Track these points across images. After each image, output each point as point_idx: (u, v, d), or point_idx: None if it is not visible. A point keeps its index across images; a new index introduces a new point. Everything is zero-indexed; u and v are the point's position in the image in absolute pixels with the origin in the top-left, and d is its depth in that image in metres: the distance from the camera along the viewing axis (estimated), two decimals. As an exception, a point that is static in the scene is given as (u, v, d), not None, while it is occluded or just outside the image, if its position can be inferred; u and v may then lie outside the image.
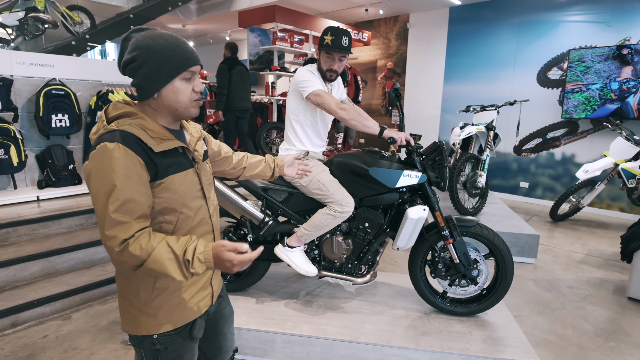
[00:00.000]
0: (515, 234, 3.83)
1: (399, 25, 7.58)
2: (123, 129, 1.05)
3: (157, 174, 1.08)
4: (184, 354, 1.25)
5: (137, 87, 1.09)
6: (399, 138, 2.08)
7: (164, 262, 1.01)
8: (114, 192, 1.00)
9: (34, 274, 2.93)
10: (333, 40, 2.16)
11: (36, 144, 3.98)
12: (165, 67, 1.07)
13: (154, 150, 1.07)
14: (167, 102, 1.11)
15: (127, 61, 1.07)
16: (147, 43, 1.07)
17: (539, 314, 2.91)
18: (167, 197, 1.11)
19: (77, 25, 5.33)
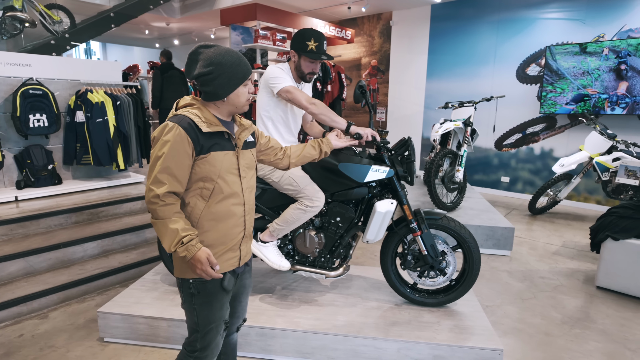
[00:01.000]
0: (492, 227, 3.92)
1: (382, 22, 7.64)
2: (183, 113, 1.40)
3: (202, 150, 1.39)
4: (213, 300, 1.49)
5: (209, 92, 1.41)
6: (364, 134, 2.14)
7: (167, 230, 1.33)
8: (162, 158, 1.33)
9: (11, 273, 2.93)
10: (318, 47, 2.21)
11: (14, 144, 3.96)
12: (234, 79, 1.41)
13: (202, 130, 1.38)
14: (231, 102, 1.45)
15: (202, 74, 1.38)
16: (219, 60, 1.38)
17: (511, 303, 2.99)
18: (207, 169, 1.41)
19: (57, 24, 5.29)
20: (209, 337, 1.52)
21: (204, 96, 1.44)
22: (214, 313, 1.50)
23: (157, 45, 11.96)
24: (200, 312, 1.49)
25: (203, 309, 1.49)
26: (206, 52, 1.40)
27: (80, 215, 3.63)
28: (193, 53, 1.42)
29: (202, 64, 1.39)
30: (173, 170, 1.34)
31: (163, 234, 1.34)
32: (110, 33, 10.45)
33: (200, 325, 1.50)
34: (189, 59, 1.43)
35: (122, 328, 2.40)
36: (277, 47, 5.95)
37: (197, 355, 1.52)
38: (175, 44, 11.35)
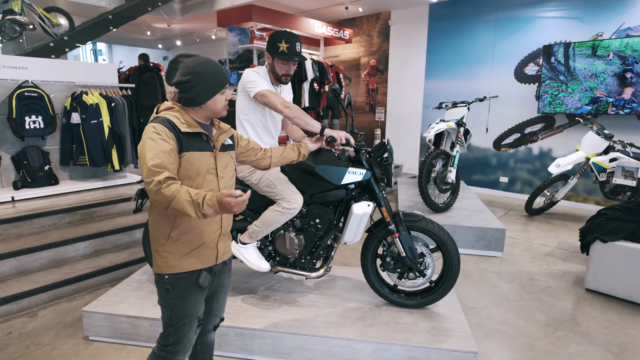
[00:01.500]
0: (483, 228, 3.90)
1: (380, 22, 7.63)
2: (164, 116, 1.49)
3: (182, 148, 1.47)
4: (188, 296, 1.54)
5: (188, 99, 1.50)
6: (338, 137, 2.15)
7: (183, 203, 1.32)
8: (152, 152, 1.38)
9: (2, 273, 3.00)
10: (289, 49, 2.23)
11: (11, 146, 4.04)
12: (211, 87, 1.49)
13: (180, 130, 1.46)
14: (208, 108, 1.54)
15: (181, 81, 1.47)
16: (197, 69, 1.46)
17: (496, 305, 2.99)
18: (186, 167, 1.48)
19: (56, 27, 5.38)
20: (181, 332, 1.56)
21: (183, 102, 1.53)
22: (188, 309, 1.55)
23: (160, 46, 12.07)
24: (174, 307, 1.53)
25: (177, 304, 1.53)
26: (186, 61, 1.48)
27: (73, 216, 3.69)
28: (173, 61, 1.50)
29: (181, 72, 1.47)
30: (164, 158, 1.39)
31: (183, 208, 1.32)
32: (115, 34, 10.57)
33: (173, 320, 1.54)
34: (169, 67, 1.51)
35: (106, 327, 2.44)
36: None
37: (169, 349, 1.56)
38: (178, 44, 11.44)
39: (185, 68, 1.47)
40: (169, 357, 1.57)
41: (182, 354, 1.58)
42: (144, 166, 1.38)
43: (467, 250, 4.00)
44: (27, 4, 4.99)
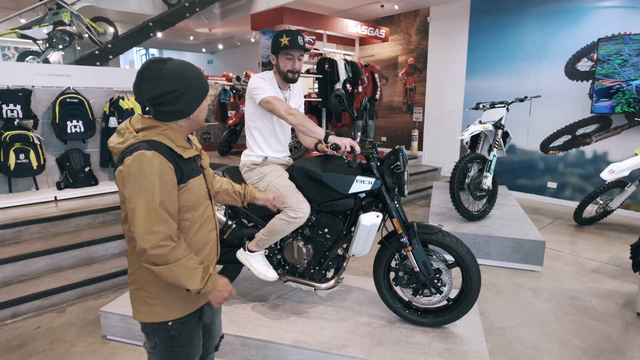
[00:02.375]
0: (519, 239, 3.60)
1: (419, 19, 7.35)
2: (155, 139, 1.23)
3: (182, 178, 1.27)
4: (194, 339, 1.41)
5: (174, 111, 1.27)
6: (342, 144, 2.04)
7: (187, 270, 1.22)
8: (155, 192, 1.17)
9: (38, 269, 3.20)
10: (290, 41, 2.17)
11: (56, 149, 4.32)
12: (200, 93, 1.30)
13: (183, 157, 1.27)
14: (194, 119, 1.33)
15: (166, 92, 1.22)
16: (183, 75, 1.24)
17: (527, 326, 2.73)
18: (189, 197, 1.30)
19: (101, 36, 5.70)
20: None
21: (164, 116, 1.29)
22: (194, 350, 1.43)
23: (204, 50, 12.50)
24: (181, 353, 1.38)
25: (184, 350, 1.39)
26: (162, 68, 1.23)
27: (107, 216, 3.87)
28: (146, 70, 1.22)
29: (162, 81, 1.22)
30: (168, 207, 1.19)
31: (184, 276, 1.21)
32: (163, 40, 11.09)
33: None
34: (140, 78, 1.23)
35: (121, 327, 2.51)
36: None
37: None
38: (220, 48, 11.78)
39: (167, 76, 1.22)
40: None
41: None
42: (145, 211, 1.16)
43: (501, 263, 3.71)
44: (76, 14, 5.32)
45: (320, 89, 6.28)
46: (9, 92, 3.84)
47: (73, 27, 5.32)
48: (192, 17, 7.65)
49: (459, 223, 4.02)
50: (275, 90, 2.27)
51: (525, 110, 5.96)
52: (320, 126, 6.65)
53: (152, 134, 1.25)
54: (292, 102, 2.39)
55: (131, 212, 1.18)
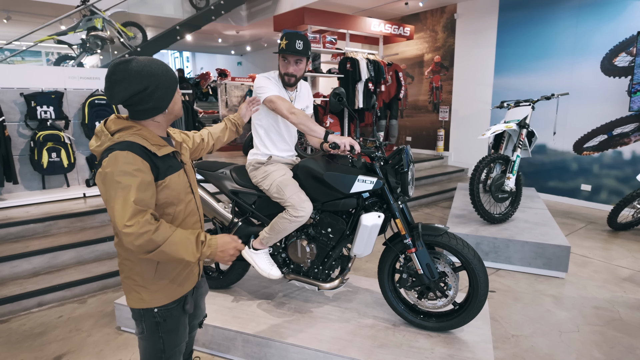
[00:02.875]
0: (542, 244, 3.43)
1: (446, 16, 7.17)
2: (129, 139, 1.26)
3: (159, 175, 1.31)
4: (179, 326, 1.49)
5: (149, 109, 1.30)
6: (342, 143, 2.02)
7: (180, 245, 1.25)
8: (131, 189, 1.20)
9: (64, 261, 3.38)
10: (287, 45, 2.17)
11: (86, 148, 4.55)
12: (170, 86, 1.33)
13: (157, 154, 1.30)
14: (171, 112, 1.38)
15: (137, 91, 1.24)
16: (150, 71, 1.26)
17: (543, 335, 2.59)
18: (168, 194, 1.34)
19: (131, 40, 5.95)
20: (172, 356, 1.50)
21: (140, 115, 1.32)
22: (180, 336, 1.50)
23: (233, 52, 12.77)
24: (167, 339, 1.46)
25: (170, 335, 1.46)
26: (128, 68, 1.24)
27: (130, 212, 4.02)
28: (113, 73, 1.24)
29: (131, 81, 1.23)
30: (145, 200, 1.23)
31: (177, 252, 1.25)
32: (194, 42, 11.43)
33: (166, 352, 1.47)
34: (109, 82, 1.25)
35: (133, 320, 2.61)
36: (326, 50, 5.93)
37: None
38: (248, 50, 11.99)
39: (135, 76, 1.23)
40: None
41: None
42: (121, 207, 1.18)
43: (522, 268, 3.55)
44: (107, 20, 5.58)
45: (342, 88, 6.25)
46: (43, 95, 4.08)
47: (105, 32, 5.58)
48: (219, 20, 7.85)
49: (478, 226, 3.89)
50: (280, 90, 2.28)
51: (562, 109, 5.67)
52: (342, 126, 6.63)
53: (126, 135, 1.28)
54: (298, 102, 2.40)
55: (110, 211, 1.22)
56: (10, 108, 4.03)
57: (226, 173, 2.49)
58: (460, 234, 3.69)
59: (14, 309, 2.90)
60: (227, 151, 7.93)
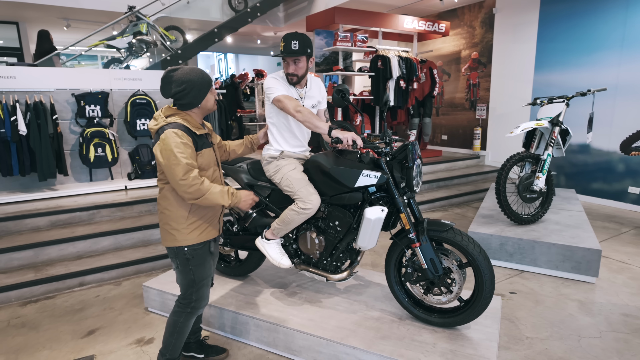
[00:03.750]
0: (570, 246, 3.29)
1: (484, 11, 6.95)
2: (177, 121, 1.83)
3: (197, 147, 1.87)
4: (205, 262, 2.00)
5: (187, 103, 1.85)
6: (344, 138, 2.08)
7: (216, 194, 1.85)
8: (182, 154, 1.75)
9: (104, 247, 3.70)
10: (284, 46, 2.26)
11: (128, 144, 4.92)
12: (202, 89, 1.87)
13: (196, 133, 1.87)
14: (203, 107, 1.92)
15: (178, 91, 1.80)
16: (188, 78, 1.80)
17: (560, 339, 2.50)
18: (202, 162, 1.90)
19: (173, 43, 6.32)
20: (202, 289, 2.01)
21: (182, 107, 1.87)
22: (206, 271, 2.00)
23: (272, 53, 13.09)
24: (196, 271, 1.96)
25: (198, 269, 1.96)
26: (175, 74, 1.80)
27: (165, 204, 4.31)
28: (165, 77, 1.81)
29: (175, 84, 1.79)
30: (192, 158, 1.79)
31: (215, 199, 1.83)
32: (236, 45, 11.85)
33: (196, 281, 1.96)
34: (162, 82, 1.81)
35: (158, 301, 2.83)
36: (357, 48, 5.96)
37: (193, 305, 1.99)
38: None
39: (178, 79, 1.79)
40: (193, 311, 2.00)
41: (203, 306, 2.04)
42: (176, 166, 1.72)
43: (549, 271, 3.41)
44: (151, 25, 5.97)
45: (373, 86, 6.26)
46: (91, 95, 4.47)
47: (150, 37, 5.98)
48: (258, 22, 8.11)
49: (504, 226, 3.78)
50: (288, 89, 2.38)
51: (604, 107, 5.34)
52: (373, 124, 6.64)
53: (175, 119, 1.83)
54: (308, 99, 2.48)
55: (168, 169, 1.75)
56: (63, 107, 4.45)
57: (243, 167, 2.63)
58: (483, 233, 3.61)
59: (59, 287, 3.23)
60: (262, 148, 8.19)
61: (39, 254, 3.42)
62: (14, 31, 8.50)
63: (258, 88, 8.32)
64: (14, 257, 3.33)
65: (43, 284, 3.17)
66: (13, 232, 3.63)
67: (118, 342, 2.54)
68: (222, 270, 2.96)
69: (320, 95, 2.58)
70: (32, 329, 2.70)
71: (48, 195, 4.22)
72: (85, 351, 2.44)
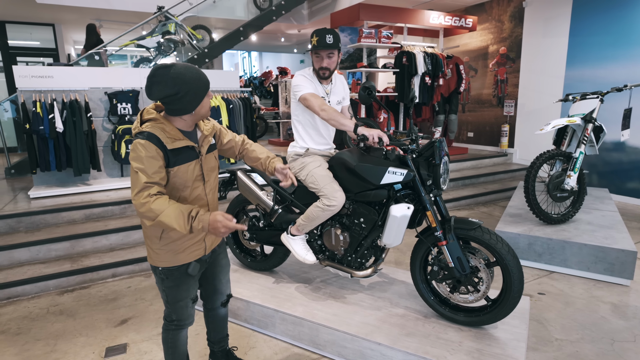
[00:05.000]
0: (603, 247, 3.18)
1: (513, 5, 6.76)
2: (149, 130, 1.51)
3: (169, 163, 1.55)
4: (180, 284, 1.73)
5: (178, 109, 1.53)
6: (370, 135, 2.08)
7: (172, 217, 1.44)
8: (143, 169, 1.47)
9: (135, 240, 3.83)
10: (318, 40, 2.28)
11: (157, 141, 5.06)
12: (199, 93, 1.54)
13: (167, 147, 1.52)
14: (197, 114, 1.59)
15: (169, 94, 1.47)
16: (182, 79, 1.47)
17: (592, 342, 2.43)
18: (174, 181, 1.58)
19: (200, 42, 6.45)
20: (179, 311, 1.77)
21: (171, 112, 1.54)
22: (181, 294, 1.74)
23: (295, 50, 13.14)
24: (169, 293, 1.73)
25: (171, 291, 1.73)
26: (167, 73, 1.46)
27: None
28: (152, 76, 1.46)
29: (166, 85, 1.45)
30: (154, 177, 1.47)
31: (169, 223, 1.43)
32: (260, 43, 11.98)
33: (169, 302, 1.75)
34: (149, 82, 1.47)
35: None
36: (382, 45, 5.92)
37: (175, 323, 1.79)
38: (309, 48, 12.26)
39: (170, 80, 1.45)
40: (177, 329, 1.80)
41: (186, 325, 1.81)
42: (135, 182, 1.45)
43: (580, 272, 3.31)
44: (179, 24, 6.11)
45: (398, 83, 6.21)
46: (122, 93, 4.63)
47: (178, 36, 6.12)
48: (282, 20, 8.17)
49: (533, 225, 3.69)
50: (315, 87, 2.40)
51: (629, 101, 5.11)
52: (397, 121, 6.58)
53: (150, 126, 1.52)
54: (333, 95, 2.50)
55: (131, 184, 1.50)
56: (97, 105, 4.62)
57: None
58: (511, 233, 3.54)
59: (93, 278, 3.38)
60: (286, 146, 8.26)
61: (74, 245, 3.58)
62: (50, 33, 8.87)
63: (281, 86, 8.38)
64: (52, 248, 3.50)
65: (79, 274, 3.32)
66: (51, 224, 3.81)
67: (149, 331, 2.64)
68: (248, 265, 3.02)
69: (345, 92, 2.59)
70: (69, 316, 2.84)
71: (82, 190, 4.41)
72: (119, 339, 2.55)
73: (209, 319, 2.02)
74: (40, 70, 4.31)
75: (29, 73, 4.27)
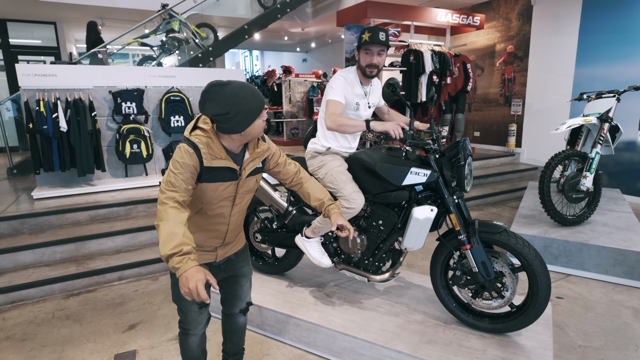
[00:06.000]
0: (622, 250, 3.10)
1: (521, 3, 6.68)
2: (196, 141, 1.48)
3: (200, 179, 1.51)
4: None
5: (227, 129, 1.46)
6: (390, 130, 2.01)
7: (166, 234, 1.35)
8: (174, 171, 1.44)
9: (141, 242, 3.75)
10: (371, 37, 2.22)
11: (162, 140, 4.98)
12: (250, 114, 1.46)
13: (203, 164, 1.48)
14: (246, 134, 1.51)
15: (219, 113, 1.42)
16: (235, 100, 1.42)
17: (617, 349, 2.36)
18: (198, 195, 1.54)
19: (204, 40, 6.36)
20: (183, 312, 1.70)
21: (220, 129, 1.49)
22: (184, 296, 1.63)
23: (298, 49, 13.05)
24: (174, 290, 1.70)
25: (175, 288, 1.69)
26: (221, 92, 1.42)
27: (198, 200, 4.35)
28: (206, 92, 1.44)
29: (218, 103, 1.41)
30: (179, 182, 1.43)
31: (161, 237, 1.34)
32: (262, 41, 11.89)
33: (174, 301, 1.70)
34: (202, 97, 1.45)
35: (197, 298, 2.83)
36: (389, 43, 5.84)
37: (182, 326, 1.76)
38: (313, 46, 12.18)
39: (222, 99, 1.41)
40: (184, 332, 1.76)
41: (192, 331, 1.73)
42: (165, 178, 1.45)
43: (598, 275, 3.23)
44: (184, 22, 6.02)
45: (405, 82, 6.12)
46: (127, 92, 4.54)
47: (182, 34, 6.04)
48: (286, 18, 8.08)
49: (548, 227, 3.61)
50: (353, 89, 2.34)
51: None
52: (404, 121, 6.50)
53: (198, 136, 1.49)
54: (372, 96, 2.46)
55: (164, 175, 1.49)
56: (101, 104, 4.54)
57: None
58: (526, 235, 3.46)
59: (99, 281, 3.29)
60: (290, 145, 8.18)
61: (79, 247, 3.50)
62: (52, 31, 8.78)
63: (285, 85, 8.30)
64: (56, 251, 3.42)
65: (84, 277, 3.24)
66: (55, 225, 3.73)
67: (159, 337, 2.56)
68: (259, 268, 2.94)
69: (377, 96, 2.54)
70: (75, 321, 2.76)
71: (87, 191, 4.32)
72: (128, 345, 2.47)
73: (227, 327, 1.94)
74: (44, 69, 4.22)
75: (32, 71, 4.18)
